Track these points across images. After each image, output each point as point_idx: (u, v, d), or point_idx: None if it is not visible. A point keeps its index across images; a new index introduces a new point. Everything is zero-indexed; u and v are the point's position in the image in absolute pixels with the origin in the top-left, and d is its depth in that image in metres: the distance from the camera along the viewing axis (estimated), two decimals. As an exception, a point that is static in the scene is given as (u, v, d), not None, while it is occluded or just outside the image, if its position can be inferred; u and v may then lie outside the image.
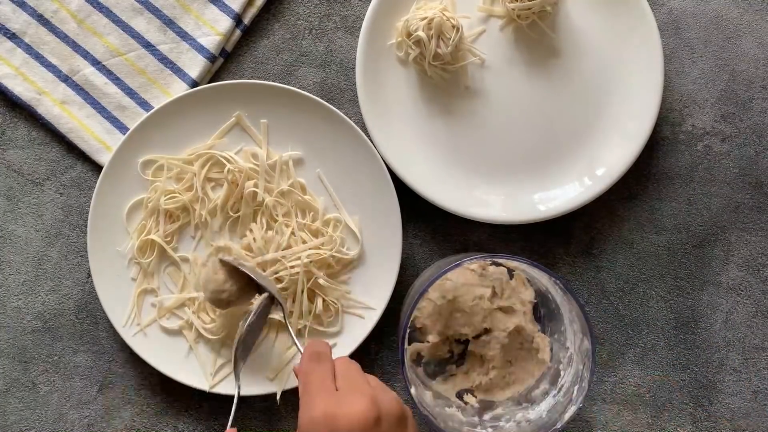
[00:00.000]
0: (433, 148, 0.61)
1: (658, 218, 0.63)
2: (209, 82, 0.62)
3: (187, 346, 0.60)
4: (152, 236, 0.59)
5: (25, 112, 0.62)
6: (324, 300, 0.59)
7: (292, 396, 0.62)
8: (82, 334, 0.62)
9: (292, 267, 0.58)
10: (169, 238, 0.60)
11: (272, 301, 0.56)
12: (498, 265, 0.61)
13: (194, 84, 0.61)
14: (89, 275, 0.60)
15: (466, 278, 0.59)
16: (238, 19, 0.62)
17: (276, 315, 0.59)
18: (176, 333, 0.60)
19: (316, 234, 0.60)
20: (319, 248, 0.59)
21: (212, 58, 0.61)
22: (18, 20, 0.61)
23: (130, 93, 0.62)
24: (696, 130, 0.63)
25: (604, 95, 0.61)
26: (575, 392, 0.55)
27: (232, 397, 0.59)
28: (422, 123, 0.61)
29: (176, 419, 0.62)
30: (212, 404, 0.62)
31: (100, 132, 0.61)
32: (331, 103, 0.60)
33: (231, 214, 0.60)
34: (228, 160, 0.59)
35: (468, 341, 0.61)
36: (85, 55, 0.61)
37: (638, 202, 0.63)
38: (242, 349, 0.56)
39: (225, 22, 0.61)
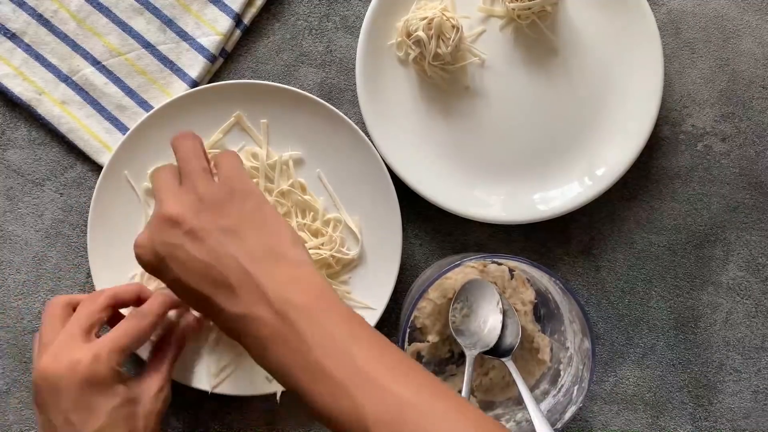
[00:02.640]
0: (433, 148, 0.61)
1: (658, 218, 0.63)
2: (209, 82, 0.62)
3: (188, 347, 0.60)
4: None
5: (25, 112, 0.62)
6: (324, 300, 0.59)
7: (292, 396, 0.61)
8: (82, 334, 0.62)
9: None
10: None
11: None
12: (498, 264, 0.61)
13: (194, 84, 0.61)
14: (89, 275, 0.60)
15: (466, 276, 0.59)
16: (238, 19, 0.62)
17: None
18: (176, 333, 0.60)
19: (316, 234, 0.60)
20: (320, 248, 0.59)
21: (212, 58, 0.61)
22: (18, 20, 0.61)
23: (130, 93, 0.62)
24: (696, 130, 0.63)
25: (604, 95, 0.61)
26: (575, 392, 0.55)
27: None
28: (422, 123, 0.61)
29: (176, 419, 0.62)
30: (212, 404, 0.62)
31: (100, 132, 0.61)
32: (331, 103, 0.60)
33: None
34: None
35: (468, 341, 0.61)
36: (85, 55, 0.61)
37: (638, 202, 0.63)
38: None
39: (225, 22, 0.61)
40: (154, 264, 0.46)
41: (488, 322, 0.58)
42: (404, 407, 0.40)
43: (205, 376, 0.59)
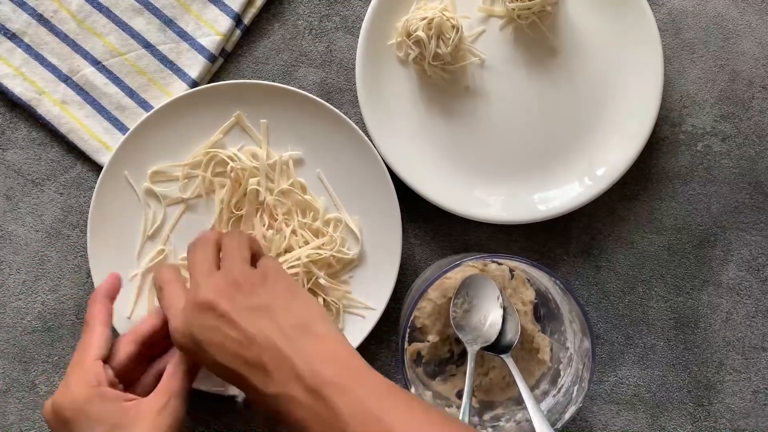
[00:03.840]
0: (433, 148, 0.61)
1: (658, 218, 0.63)
2: (209, 82, 0.62)
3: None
4: (161, 246, 0.60)
5: (25, 112, 0.62)
6: (325, 300, 0.60)
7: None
8: (82, 334, 0.62)
9: (292, 267, 0.58)
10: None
11: None
12: (498, 263, 0.61)
13: (194, 84, 0.61)
14: (89, 275, 0.60)
15: (465, 275, 0.59)
16: (238, 19, 0.62)
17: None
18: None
19: (316, 234, 0.60)
20: (320, 248, 0.59)
21: (212, 58, 0.61)
22: (18, 20, 0.61)
23: (130, 93, 0.62)
24: (696, 130, 0.63)
25: (604, 95, 0.61)
26: (575, 392, 0.55)
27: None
28: (422, 123, 0.61)
29: (176, 419, 0.62)
30: (213, 404, 0.62)
31: (100, 132, 0.61)
32: (331, 103, 0.60)
33: (234, 212, 0.60)
34: (231, 159, 0.59)
35: (468, 341, 0.61)
36: (85, 55, 0.61)
37: (638, 202, 0.63)
38: None
39: (225, 22, 0.61)
40: (191, 347, 0.47)
41: (489, 317, 0.58)
42: None
43: (209, 377, 0.59)
